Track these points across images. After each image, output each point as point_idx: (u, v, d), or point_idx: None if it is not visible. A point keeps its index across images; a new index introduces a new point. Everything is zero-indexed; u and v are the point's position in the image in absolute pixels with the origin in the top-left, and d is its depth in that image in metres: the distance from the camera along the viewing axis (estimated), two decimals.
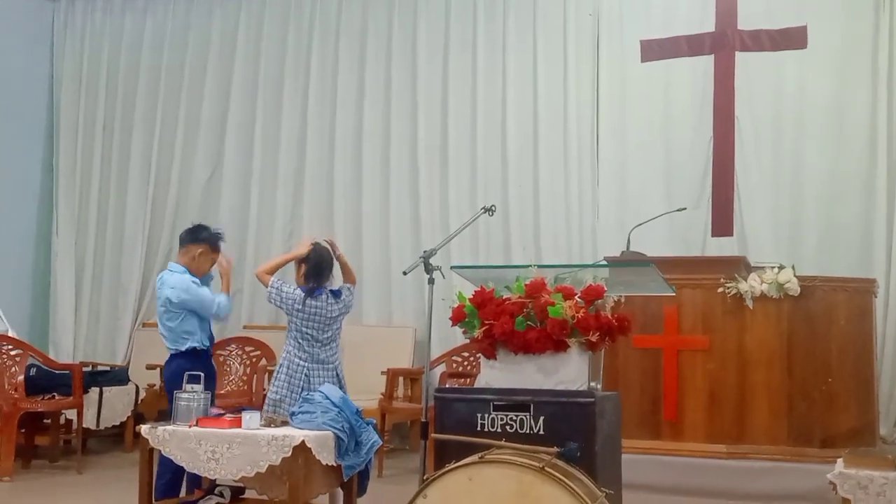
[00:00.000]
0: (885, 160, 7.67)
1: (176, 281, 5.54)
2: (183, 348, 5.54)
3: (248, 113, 9.43)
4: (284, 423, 4.87)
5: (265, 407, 5.47)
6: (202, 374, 5.03)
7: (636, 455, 5.71)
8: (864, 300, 6.47)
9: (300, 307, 5.48)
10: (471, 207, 8.28)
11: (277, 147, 9.29)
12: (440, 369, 7.64)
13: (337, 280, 5.75)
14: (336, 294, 5.57)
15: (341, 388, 5.42)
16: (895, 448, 6.97)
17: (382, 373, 7.46)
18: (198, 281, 5.61)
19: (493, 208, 5.20)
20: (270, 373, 7.78)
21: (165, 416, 5.24)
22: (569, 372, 4.03)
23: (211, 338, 5.76)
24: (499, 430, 3.95)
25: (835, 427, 6.19)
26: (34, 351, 7.44)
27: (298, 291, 5.52)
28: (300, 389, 5.41)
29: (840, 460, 4.19)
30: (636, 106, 8.32)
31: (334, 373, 5.58)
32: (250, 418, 4.75)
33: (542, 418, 3.91)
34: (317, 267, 5.55)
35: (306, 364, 5.51)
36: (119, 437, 8.10)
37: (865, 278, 6.71)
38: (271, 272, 5.61)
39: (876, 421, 6.59)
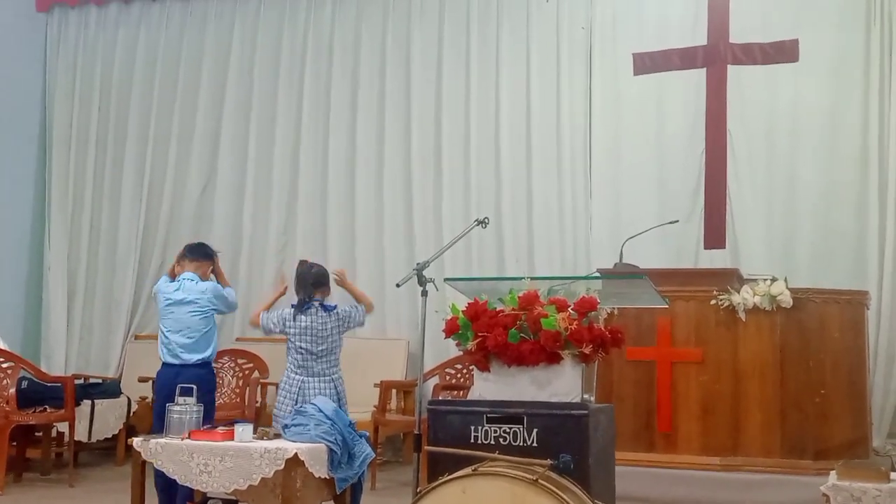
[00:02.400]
0: (877, 173, 7.70)
1: (209, 286, 6.00)
2: (202, 357, 5.89)
3: (241, 126, 9.42)
4: (277, 436, 4.87)
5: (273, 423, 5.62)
6: (194, 387, 5.05)
7: (630, 467, 5.69)
8: (857, 312, 6.49)
9: (291, 321, 5.74)
10: (464, 220, 8.28)
11: (271, 160, 9.28)
12: (433, 381, 7.63)
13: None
14: (328, 308, 5.73)
15: (339, 401, 5.52)
16: (888, 460, 6.97)
17: (375, 385, 7.46)
18: None
19: (487, 220, 5.21)
20: (263, 385, 7.80)
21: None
22: (562, 384, 4.02)
23: None
24: (492, 442, 3.95)
25: (828, 439, 6.20)
26: (26, 363, 7.42)
27: (288, 309, 5.80)
28: (294, 402, 5.52)
29: (833, 472, 4.20)
30: (629, 119, 8.34)
31: (332, 385, 5.68)
32: (243, 431, 4.74)
33: (535, 430, 3.90)
34: (298, 282, 5.88)
35: (301, 377, 5.69)
36: (111, 450, 8.07)
37: (858, 290, 6.72)
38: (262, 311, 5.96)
39: (869, 433, 6.59)
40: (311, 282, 5.81)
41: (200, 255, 6.12)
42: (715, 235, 7.92)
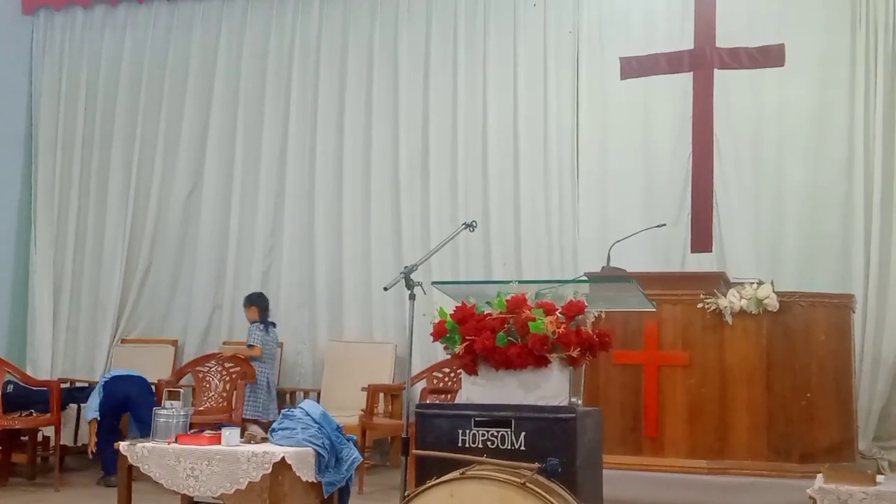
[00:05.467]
0: (863, 176, 7.73)
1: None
2: None
3: (228, 128, 9.40)
4: (264, 440, 4.86)
5: None
6: (181, 391, 5.06)
7: (617, 471, 5.69)
8: (843, 315, 6.49)
9: None
10: (452, 223, 8.29)
11: (258, 163, 9.27)
12: (421, 385, 7.63)
13: None
14: None
15: None
16: (874, 463, 7.00)
17: (363, 389, 7.44)
18: None
19: (474, 224, 5.21)
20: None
21: None
22: (550, 387, 4.03)
23: None
24: (480, 445, 3.94)
25: (814, 442, 6.20)
26: (11, 367, 7.38)
27: None
28: None
29: (820, 475, 4.21)
30: (616, 123, 8.36)
31: None
32: (230, 435, 4.73)
33: (523, 434, 3.90)
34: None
35: None
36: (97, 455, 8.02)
37: (844, 294, 6.73)
38: None
39: (855, 436, 6.61)
40: None
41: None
42: (702, 239, 7.94)
